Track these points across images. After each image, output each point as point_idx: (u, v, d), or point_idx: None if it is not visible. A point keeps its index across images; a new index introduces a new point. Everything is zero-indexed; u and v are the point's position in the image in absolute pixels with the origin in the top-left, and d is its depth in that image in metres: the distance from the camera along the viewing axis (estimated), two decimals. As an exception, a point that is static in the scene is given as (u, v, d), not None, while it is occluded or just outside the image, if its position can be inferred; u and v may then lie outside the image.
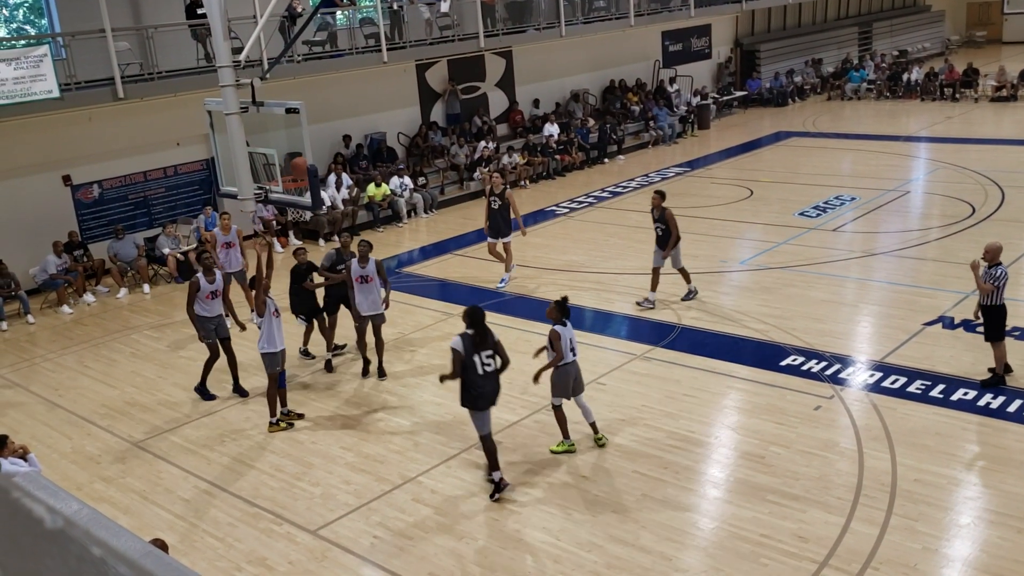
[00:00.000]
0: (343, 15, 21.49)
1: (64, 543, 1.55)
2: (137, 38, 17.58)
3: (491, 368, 8.75)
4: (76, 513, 1.59)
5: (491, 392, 8.81)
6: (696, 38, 32.03)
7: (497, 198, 15.04)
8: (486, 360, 8.72)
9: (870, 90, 33.34)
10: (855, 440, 9.45)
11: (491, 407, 8.88)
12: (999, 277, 10.18)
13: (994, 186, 19.33)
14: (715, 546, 7.88)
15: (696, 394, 10.86)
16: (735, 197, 20.38)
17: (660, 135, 27.53)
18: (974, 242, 15.61)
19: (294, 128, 10.25)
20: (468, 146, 23.17)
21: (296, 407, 11.19)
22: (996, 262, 10.28)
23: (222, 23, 10.10)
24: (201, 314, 11.51)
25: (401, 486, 9.29)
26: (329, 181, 19.69)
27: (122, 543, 1.52)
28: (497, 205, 15.04)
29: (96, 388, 12.60)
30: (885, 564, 7.39)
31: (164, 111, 17.84)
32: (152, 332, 14.64)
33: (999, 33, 44.98)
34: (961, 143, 24.09)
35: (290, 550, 8.33)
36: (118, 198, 18.14)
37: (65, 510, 1.57)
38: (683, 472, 9.13)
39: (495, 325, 9.28)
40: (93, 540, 1.51)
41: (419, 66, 23.15)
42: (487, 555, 8.01)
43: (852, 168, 22.99)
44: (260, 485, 9.58)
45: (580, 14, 26.48)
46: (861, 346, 12.00)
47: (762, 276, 14.96)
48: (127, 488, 9.75)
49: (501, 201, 15.03)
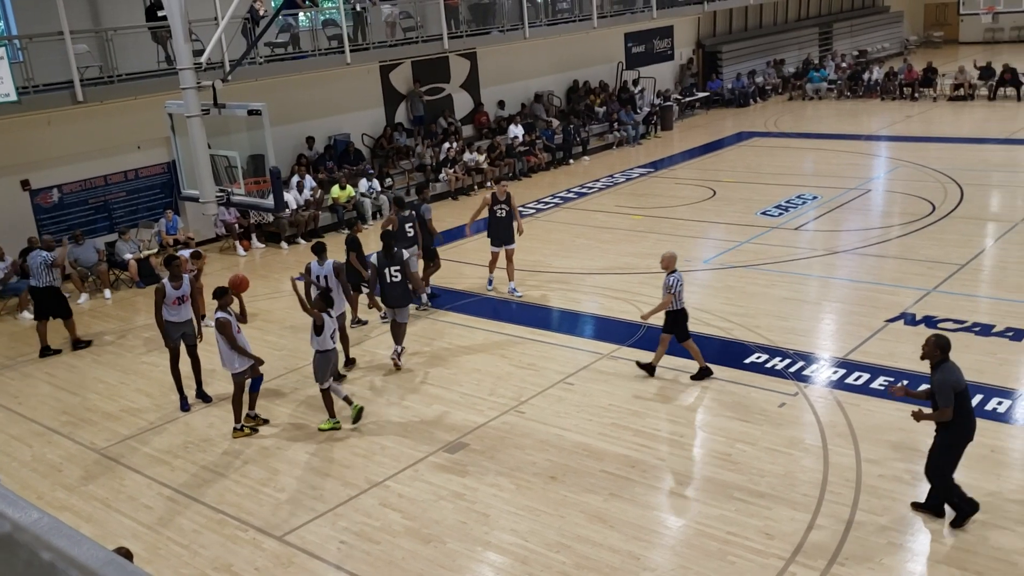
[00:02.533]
0: (305, 17, 21.36)
1: (11, 548, 1.52)
2: (96, 40, 17.35)
3: (398, 279, 12.02)
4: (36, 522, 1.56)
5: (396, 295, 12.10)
6: (659, 39, 32.21)
7: (504, 206, 14.55)
8: (394, 273, 12.00)
9: (831, 90, 33.72)
10: (820, 437, 9.54)
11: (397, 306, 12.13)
12: (673, 284, 10.90)
13: (953, 184, 19.63)
14: (683, 544, 7.92)
15: (663, 392, 10.92)
16: (698, 197, 20.52)
17: (624, 136, 27.65)
18: (935, 240, 15.88)
19: (256, 130, 10.16)
20: (433, 147, 23.13)
21: (261, 412, 11.09)
22: (672, 269, 10.96)
23: (183, 25, 9.99)
24: (168, 319, 11.39)
25: (368, 491, 9.24)
26: (292, 183, 19.56)
27: (83, 552, 1.49)
28: (504, 213, 14.55)
29: (57, 395, 12.41)
30: (851, 560, 7.47)
31: (124, 114, 17.62)
32: (114, 338, 14.44)
33: (956, 34, 45.71)
34: (921, 142, 24.44)
35: (256, 556, 8.26)
36: (78, 202, 17.88)
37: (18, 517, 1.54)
38: (650, 471, 9.16)
39: (461, 326, 9.27)
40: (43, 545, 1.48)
41: (383, 67, 23.07)
42: (455, 558, 7.99)
43: (814, 167, 23.24)
44: (225, 491, 9.48)
45: (544, 16, 26.53)
46: (824, 343, 12.13)
47: (725, 275, 15.07)
48: (89, 496, 9.61)
49: (508, 208, 14.58)
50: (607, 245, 17.20)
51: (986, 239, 15.91)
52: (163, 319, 11.35)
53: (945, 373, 7.61)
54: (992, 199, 18.97)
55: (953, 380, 7.57)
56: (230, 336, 10.28)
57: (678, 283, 10.94)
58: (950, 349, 7.73)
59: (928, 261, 14.73)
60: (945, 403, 7.54)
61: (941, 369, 7.66)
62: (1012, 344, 11.46)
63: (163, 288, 11.36)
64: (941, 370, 7.65)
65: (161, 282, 11.56)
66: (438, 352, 12.72)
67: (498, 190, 14.79)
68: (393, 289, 12.16)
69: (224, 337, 10.31)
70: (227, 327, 10.28)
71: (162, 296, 11.31)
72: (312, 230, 19.53)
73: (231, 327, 10.31)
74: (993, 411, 9.77)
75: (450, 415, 10.76)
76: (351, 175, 20.89)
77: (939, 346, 7.72)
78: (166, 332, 11.44)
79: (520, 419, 10.47)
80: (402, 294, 12.21)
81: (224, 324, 10.29)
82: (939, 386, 7.59)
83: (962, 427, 7.67)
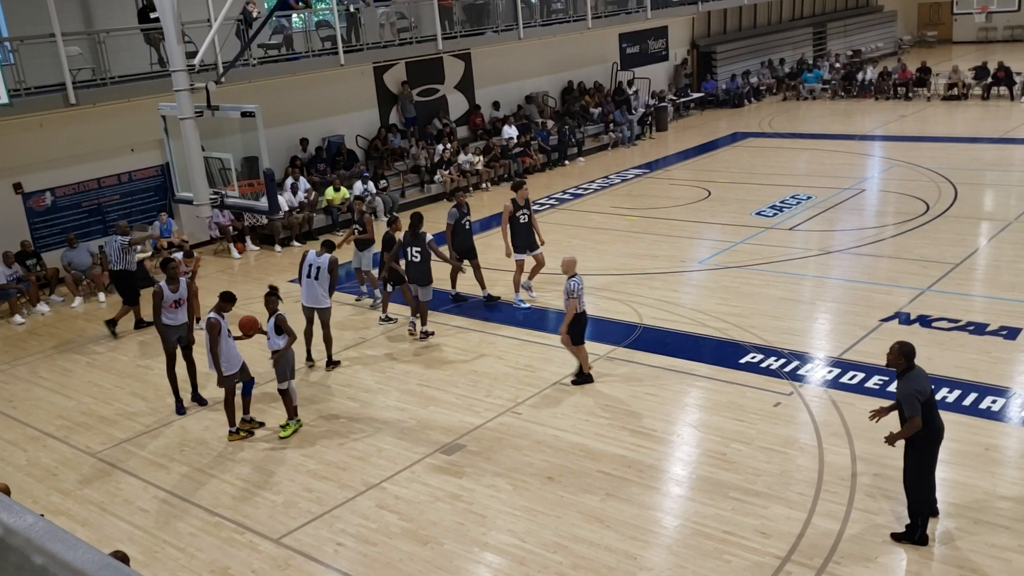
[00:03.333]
0: (299, 18, 21.34)
1: (2, 552, 1.51)
2: (88, 43, 17.30)
3: (418, 259, 12.95)
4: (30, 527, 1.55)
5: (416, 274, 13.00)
6: (653, 40, 32.23)
7: (524, 211, 14.16)
8: (414, 253, 12.95)
9: (825, 90, 33.77)
10: (815, 436, 9.55)
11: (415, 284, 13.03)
12: (574, 289, 10.93)
13: (947, 183, 19.67)
14: (679, 544, 7.92)
15: (658, 393, 10.92)
16: (693, 198, 20.54)
17: (619, 137, 27.66)
18: (929, 239, 15.91)
19: (250, 132, 10.15)
20: (428, 148, 23.12)
21: (256, 415, 11.07)
22: (572, 273, 11.04)
23: (175, 27, 9.97)
24: (166, 322, 11.39)
25: (364, 492, 9.23)
26: (286, 185, 19.54)
27: (78, 556, 1.49)
28: (525, 218, 14.17)
29: (52, 399, 12.38)
30: (847, 558, 7.48)
31: (117, 116, 17.58)
32: (108, 341, 14.41)
33: (949, 33, 45.82)
34: (915, 141, 24.48)
35: (253, 559, 8.24)
36: (71, 206, 17.83)
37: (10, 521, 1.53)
38: (646, 471, 9.17)
39: (457, 328, 9.26)
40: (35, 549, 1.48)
41: (377, 68, 23.06)
42: (452, 559, 7.98)
43: (808, 167, 23.27)
44: (221, 494, 9.47)
45: (538, 16, 26.53)
46: (819, 343, 12.14)
47: (720, 275, 15.08)
48: (85, 500, 9.59)
49: (529, 211, 14.25)
50: (603, 246, 17.21)
51: (980, 238, 15.94)
52: (161, 322, 11.35)
53: (910, 382, 7.36)
54: (986, 198, 19.00)
55: (919, 388, 7.34)
56: (214, 338, 10.23)
57: (578, 287, 10.95)
58: (915, 356, 7.48)
59: (922, 260, 14.75)
60: (912, 412, 7.29)
61: (906, 378, 7.42)
62: (1006, 343, 11.48)
63: (160, 291, 11.35)
64: (906, 379, 7.41)
65: (158, 285, 11.54)
66: (434, 354, 12.72)
67: (518, 195, 14.20)
68: (413, 268, 13.05)
69: (209, 337, 10.28)
70: (214, 328, 10.23)
71: (160, 300, 11.30)
72: (306, 232, 19.51)
73: (218, 329, 10.24)
74: (987, 409, 9.79)
75: (447, 417, 10.75)
76: (345, 177, 20.87)
77: (903, 354, 7.43)
78: (164, 335, 11.43)
79: (517, 420, 10.47)
80: (422, 273, 13.01)
81: (212, 324, 10.25)
82: (904, 396, 7.36)
83: (929, 437, 7.44)
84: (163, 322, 11.37)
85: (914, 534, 7.64)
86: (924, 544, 7.58)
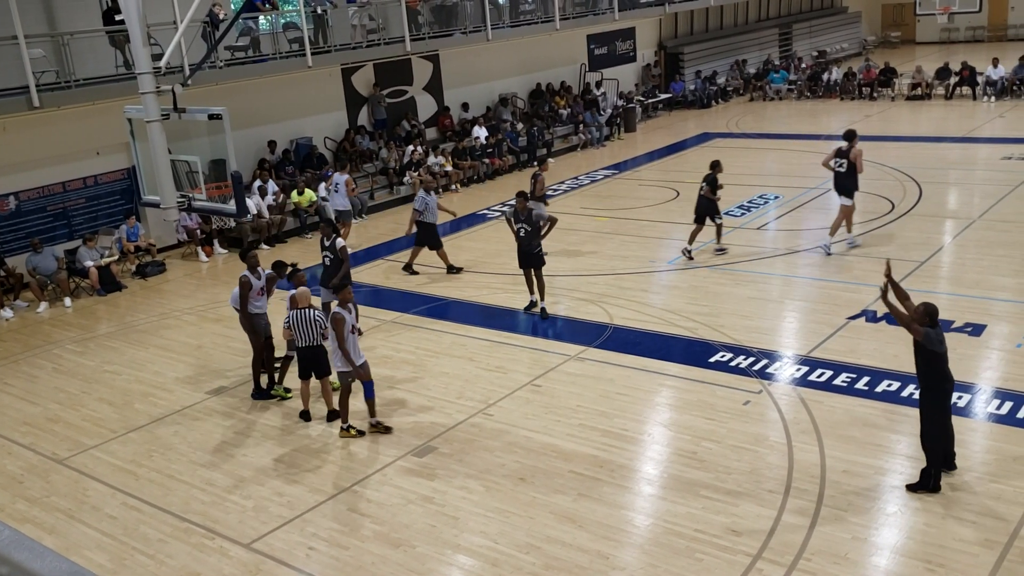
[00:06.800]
0: (266, 20, 21.21)
1: None
2: (52, 45, 17.07)
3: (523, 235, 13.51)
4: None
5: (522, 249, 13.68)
6: (621, 41, 32.36)
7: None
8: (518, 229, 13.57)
9: (791, 90, 34.06)
10: (784, 434, 9.63)
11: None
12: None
13: (912, 182, 19.91)
14: (651, 543, 7.96)
15: (629, 393, 10.97)
16: (662, 198, 20.64)
17: (588, 138, 27.74)
18: (894, 237, 16.08)
19: (217, 135, 10.07)
20: (397, 150, 23.06)
21: (223, 419, 10.98)
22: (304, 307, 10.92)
23: (141, 29, 9.88)
24: (253, 311, 11.43)
25: (336, 496, 9.19)
26: (254, 188, 19.42)
27: (46, 564, 1.48)
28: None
29: (17, 405, 12.21)
30: (817, 555, 7.55)
31: (82, 120, 17.38)
32: (75, 346, 14.24)
33: (913, 34, 46.43)
34: (880, 141, 24.71)
35: (223, 564, 8.18)
36: (36, 210, 17.60)
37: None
38: (618, 470, 9.20)
39: (428, 330, 9.25)
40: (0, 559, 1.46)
41: (345, 70, 22.98)
42: (425, 562, 7.97)
43: (775, 167, 23.46)
44: (191, 499, 9.39)
45: (507, 17, 26.54)
46: (787, 341, 12.24)
47: (690, 275, 15.17)
48: (52, 507, 9.46)
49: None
50: (573, 247, 17.24)
51: (944, 236, 16.15)
52: (249, 313, 11.40)
53: (936, 331, 8.06)
54: (950, 197, 19.26)
55: (940, 337, 8.06)
56: (340, 334, 10.05)
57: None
58: (938, 316, 8.11)
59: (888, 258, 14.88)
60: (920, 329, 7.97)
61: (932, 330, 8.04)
62: (971, 339, 11.64)
63: (248, 281, 11.38)
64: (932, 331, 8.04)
65: (244, 274, 11.48)
66: (405, 356, 12.68)
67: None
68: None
69: (335, 334, 10.09)
70: (340, 324, 10.04)
71: (248, 289, 11.36)
72: (275, 235, 19.39)
73: (344, 325, 10.05)
74: (953, 406, 9.88)
75: (418, 419, 10.73)
76: (312, 179, 20.77)
77: (928, 313, 8.07)
78: (253, 325, 11.48)
79: (488, 421, 10.47)
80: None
81: (338, 320, 10.04)
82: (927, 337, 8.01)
83: (946, 387, 8.25)
84: (250, 311, 11.42)
85: (928, 483, 8.27)
86: (937, 492, 8.26)
